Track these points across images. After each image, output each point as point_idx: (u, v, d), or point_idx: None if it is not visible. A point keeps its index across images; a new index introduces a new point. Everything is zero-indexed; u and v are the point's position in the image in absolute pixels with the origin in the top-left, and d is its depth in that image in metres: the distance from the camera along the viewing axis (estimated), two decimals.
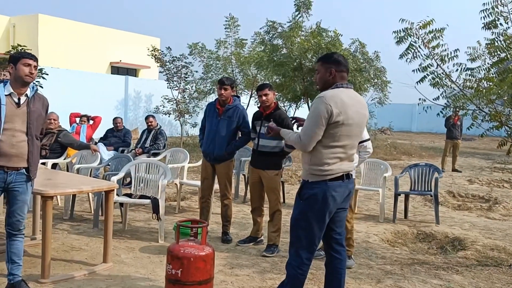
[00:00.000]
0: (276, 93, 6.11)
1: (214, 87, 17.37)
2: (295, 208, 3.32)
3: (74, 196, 6.16)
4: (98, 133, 10.09)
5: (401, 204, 6.93)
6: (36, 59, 3.59)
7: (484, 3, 4.75)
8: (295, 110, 16.84)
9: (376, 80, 13.90)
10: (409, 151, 17.06)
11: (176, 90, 15.43)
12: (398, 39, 5.02)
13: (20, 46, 10.14)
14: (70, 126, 9.55)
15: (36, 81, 10.71)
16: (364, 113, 3.31)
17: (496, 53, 4.98)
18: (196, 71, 16.43)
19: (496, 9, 4.70)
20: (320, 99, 3.14)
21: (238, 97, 5.51)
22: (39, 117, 3.62)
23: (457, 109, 5.35)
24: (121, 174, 5.68)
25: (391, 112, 29.95)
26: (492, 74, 5.09)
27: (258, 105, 5.20)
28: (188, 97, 15.73)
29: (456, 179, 11.13)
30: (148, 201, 5.33)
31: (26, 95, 3.55)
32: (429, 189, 6.86)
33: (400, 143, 19.93)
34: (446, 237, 5.93)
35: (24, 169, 3.57)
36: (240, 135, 5.40)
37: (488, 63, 5.35)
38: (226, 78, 5.37)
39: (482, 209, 7.73)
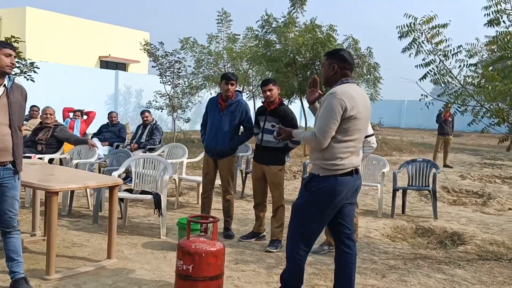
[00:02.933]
0: None
1: (205, 82, 17.30)
2: (299, 198, 3.40)
3: (72, 191, 6.09)
4: (92, 128, 9.99)
5: (398, 199, 6.97)
6: (15, 49, 3.50)
7: (488, 0, 4.77)
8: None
9: (368, 76, 13.96)
10: (400, 147, 17.19)
11: (169, 85, 15.34)
12: (401, 34, 5.03)
13: (14, 37, 9.97)
14: (64, 121, 9.43)
15: (28, 75, 10.57)
16: (369, 106, 3.41)
17: (497, 51, 5.02)
18: (190, 66, 16.37)
19: (499, 6, 4.72)
20: (332, 95, 3.19)
21: (241, 92, 5.49)
22: (20, 107, 3.49)
23: (449, 105, 5.36)
24: (121, 169, 5.62)
25: (381, 108, 30.12)
26: (491, 71, 5.13)
27: (262, 100, 5.19)
28: (180, 92, 15.63)
29: (448, 175, 11.25)
30: (150, 196, 5.29)
31: (4, 85, 3.40)
32: (427, 185, 6.92)
33: (390, 139, 20.10)
34: (445, 232, 5.99)
35: (10, 163, 3.45)
36: (242, 130, 5.38)
37: (485, 59, 5.40)
38: (232, 74, 5.35)
39: (477, 204, 7.83)
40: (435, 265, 4.69)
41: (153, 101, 15.74)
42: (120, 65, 24.75)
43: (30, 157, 5.18)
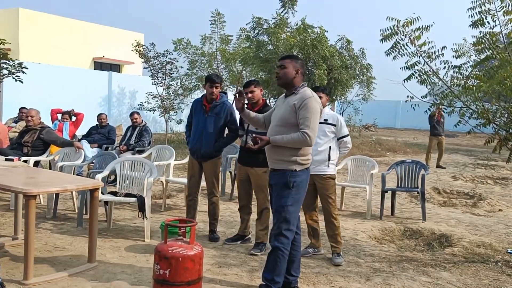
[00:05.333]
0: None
1: (199, 83, 17.25)
2: (284, 197, 3.60)
3: (57, 194, 6.03)
4: (81, 130, 9.91)
5: (387, 201, 6.94)
6: None
7: (472, 1, 4.74)
8: None
9: (361, 77, 13.95)
10: (394, 147, 17.17)
11: (161, 86, 15.28)
12: (383, 37, 4.99)
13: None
14: (52, 123, 9.37)
15: (16, 76, 10.50)
16: None
17: (483, 51, 4.99)
18: (181, 67, 16.31)
19: (483, 7, 4.69)
20: (313, 98, 3.58)
21: (225, 93, 5.44)
22: None
23: (440, 106, 5.35)
24: (106, 172, 5.56)
25: (376, 108, 30.19)
26: (477, 71, 5.10)
27: (247, 102, 5.13)
28: (173, 93, 15.57)
29: (440, 176, 11.23)
30: (134, 199, 5.23)
31: None
32: (416, 186, 6.89)
33: (384, 139, 20.07)
34: (433, 234, 5.94)
35: None
36: (227, 132, 5.33)
37: (473, 60, 5.36)
38: (216, 76, 5.29)
39: (467, 206, 7.80)
40: (420, 267, 4.65)
41: (145, 102, 15.67)
42: (114, 67, 24.67)
43: (12, 160, 5.11)
